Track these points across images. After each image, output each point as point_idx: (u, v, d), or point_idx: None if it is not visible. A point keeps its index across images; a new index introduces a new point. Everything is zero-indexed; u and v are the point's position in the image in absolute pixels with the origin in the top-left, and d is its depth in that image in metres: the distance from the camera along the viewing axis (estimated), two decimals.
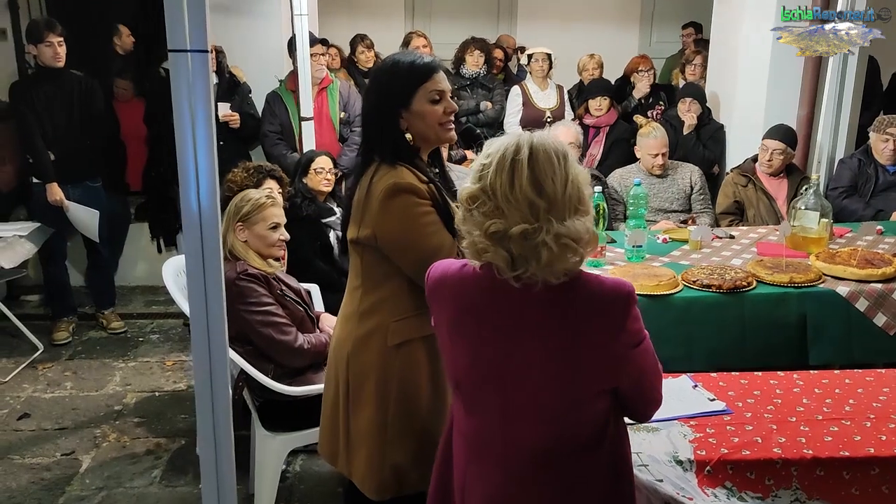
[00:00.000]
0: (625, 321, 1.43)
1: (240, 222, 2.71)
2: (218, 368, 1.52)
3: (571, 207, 1.42)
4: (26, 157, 4.34)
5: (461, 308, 1.52)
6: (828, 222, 3.38)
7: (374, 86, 2.01)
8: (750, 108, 4.72)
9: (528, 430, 1.50)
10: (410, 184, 1.88)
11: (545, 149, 1.43)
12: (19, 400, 3.76)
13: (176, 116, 1.40)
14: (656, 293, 2.81)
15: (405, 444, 1.95)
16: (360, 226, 1.92)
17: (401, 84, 1.91)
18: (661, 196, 4.09)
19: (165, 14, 1.36)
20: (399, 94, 1.91)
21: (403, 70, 1.92)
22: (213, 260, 1.48)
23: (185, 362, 4.18)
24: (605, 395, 1.49)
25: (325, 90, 4.52)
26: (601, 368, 1.45)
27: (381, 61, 2.03)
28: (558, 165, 1.42)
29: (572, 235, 1.40)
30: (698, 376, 2.32)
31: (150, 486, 3.06)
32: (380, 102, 1.93)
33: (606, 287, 1.45)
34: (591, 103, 4.93)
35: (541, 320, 1.44)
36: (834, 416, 2.07)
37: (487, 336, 1.49)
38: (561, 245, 1.39)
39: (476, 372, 1.53)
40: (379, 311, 1.95)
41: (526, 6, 7.64)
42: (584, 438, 1.50)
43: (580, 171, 1.45)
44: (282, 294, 2.68)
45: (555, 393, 1.46)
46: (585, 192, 1.45)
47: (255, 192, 2.85)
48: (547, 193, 1.40)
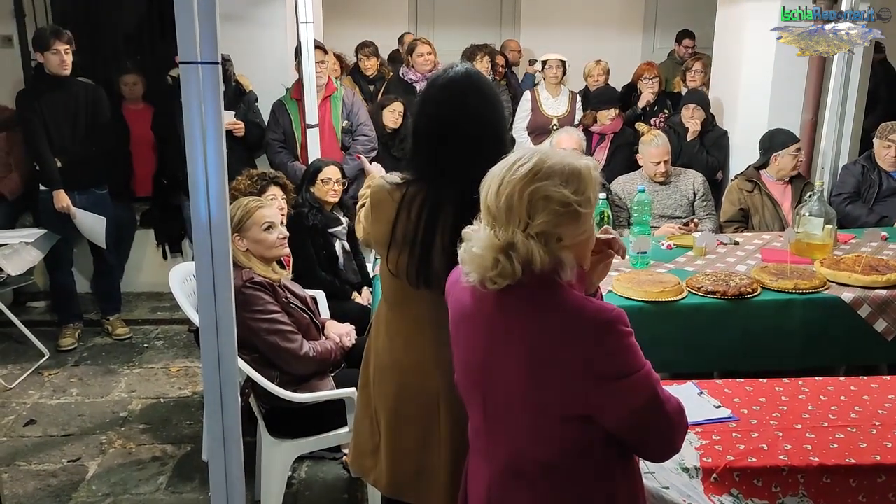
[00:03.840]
0: (595, 348, 1.36)
1: (235, 232, 2.69)
2: (227, 376, 1.53)
3: (517, 220, 1.38)
4: (33, 165, 4.36)
5: (460, 310, 1.56)
6: (832, 228, 3.39)
7: (500, 101, 1.95)
8: (753, 114, 4.73)
9: (503, 440, 1.51)
10: None
11: (507, 160, 1.43)
12: (25, 406, 3.77)
13: (186, 127, 1.41)
14: (661, 299, 2.82)
15: None
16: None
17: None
18: (664, 203, 4.09)
19: (177, 26, 1.37)
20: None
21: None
22: (223, 268, 1.49)
23: (190, 369, 4.19)
24: (578, 424, 1.42)
25: (328, 98, 4.54)
26: (568, 393, 1.39)
27: (486, 79, 1.95)
28: (504, 176, 1.40)
29: (484, 244, 1.39)
30: (703, 383, 2.32)
31: (156, 492, 3.07)
32: (506, 120, 2.01)
33: (584, 311, 1.39)
34: (600, 114, 4.95)
35: (511, 334, 1.43)
36: (840, 424, 2.07)
37: (472, 342, 1.52)
38: (471, 253, 1.41)
39: (466, 375, 1.57)
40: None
41: (529, 12, 7.67)
42: (552, 463, 1.45)
43: (546, 186, 1.37)
44: (287, 301, 2.69)
45: (522, 409, 1.45)
46: (545, 206, 1.37)
47: (244, 199, 2.85)
48: (488, 202, 1.42)
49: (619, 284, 2.90)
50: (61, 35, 4.16)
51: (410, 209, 1.83)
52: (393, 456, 1.99)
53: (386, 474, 2.01)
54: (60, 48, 4.14)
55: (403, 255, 1.86)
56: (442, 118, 1.84)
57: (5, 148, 4.67)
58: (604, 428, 1.43)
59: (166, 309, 4.94)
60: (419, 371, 1.92)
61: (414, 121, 1.95)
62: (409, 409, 1.94)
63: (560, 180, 1.39)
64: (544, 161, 1.40)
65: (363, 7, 7.28)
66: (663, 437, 1.46)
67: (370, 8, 7.35)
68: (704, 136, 4.77)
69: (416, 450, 1.95)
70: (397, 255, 1.87)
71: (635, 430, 1.43)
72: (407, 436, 1.96)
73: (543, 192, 1.37)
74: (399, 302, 1.96)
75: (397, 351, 1.96)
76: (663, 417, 1.42)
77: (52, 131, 4.25)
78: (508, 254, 1.38)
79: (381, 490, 2.09)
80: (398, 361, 1.96)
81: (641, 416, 1.41)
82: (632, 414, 1.40)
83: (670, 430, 1.45)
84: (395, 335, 1.97)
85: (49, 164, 4.24)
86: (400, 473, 1.99)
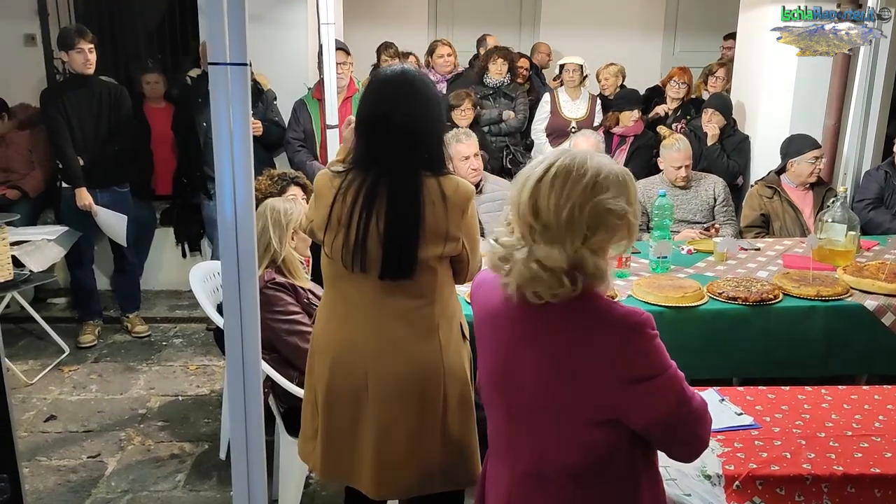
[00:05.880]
0: (623, 350, 1.35)
1: (293, 231, 2.75)
2: (251, 376, 1.54)
3: (576, 234, 1.35)
4: (55, 163, 4.40)
5: (484, 314, 1.56)
6: (855, 235, 3.36)
7: (436, 100, 2.01)
8: (775, 119, 4.70)
9: (526, 445, 1.50)
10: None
11: (559, 170, 1.37)
12: (46, 402, 3.81)
13: (214, 128, 1.42)
14: (682, 305, 2.80)
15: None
16: (447, 241, 1.95)
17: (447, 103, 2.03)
18: (684, 207, 4.07)
19: (206, 28, 1.38)
20: (445, 108, 2.01)
21: (448, 92, 2.03)
22: (249, 268, 1.49)
23: (208, 367, 4.21)
24: (607, 428, 1.41)
25: (349, 99, 4.55)
26: (595, 397, 1.39)
27: (410, 73, 2.00)
28: (562, 189, 1.35)
29: (546, 262, 1.34)
30: (725, 390, 2.31)
31: (174, 489, 3.09)
32: (441, 116, 2.02)
33: (612, 314, 1.38)
34: (623, 116, 4.93)
35: (539, 337, 1.42)
36: (864, 433, 2.05)
37: (498, 345, 1.51)
38: (530, 269, 1.36)
39: (489, 376, 1.56)
40: (452, 315, 2.05)
41: (549, 14, 7.65)
42: (577, 467, 1.44)
43: (605, 199, 1.35)
44: (309, 302, 2.70)
45: (546, 412, 1.44)
46: (610, 221, 1.36)
47: (281, 201, 2.87)
48: (541, 216, 1.36)
49: (638, 289, 2.89)
50: (85, 34, 4.19)
51: (346, 195, 1.96)
52: (327, 435, 2.07)
53: (321, 457, 2.09)
54: (84, 47, 4.18)
55: (339, 239, 1.96)
56: (375, 112, 1.96)
57: (28, 146, 4.73)
58: (629, 432, 1.42)
59: (185, 307, 4.98)
60: (351, 350, 2.01)
61: (356, 114, 2.05)
62: (342, 387, 2.03)
63: (615, 192, 1.37)
64: (599, 171, 1.37)
65: (383, 8, 7.29)
66: (693, 433, 1.46)
67: (390, 9, 7.37)
68: (725, 140, 4.74)
69: (348, 428, 2.04)
70: (332, 239, 1.98)
71: (665, 430, 1.43)
72: (340, 415, 2.04)
73: (605, 205, 1.35)
74: (334, 285, 2.06)
75: (332, 332, 2.05)
76: (691, 413, 1.43)
77: (75, 130, 4.29)
78: (574, 274, 1.36)
79: (318, 475, 2.18)
80: (332, 341, 2.04)
81: (671, 415, 1.41)
82: (661, 414, 1.40)
83: (698, 425, 1.45)
84: (332, 317, 2.07)
85: (72, 163, 4.28)
86: (332, 453, 2.07)
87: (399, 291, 1.97)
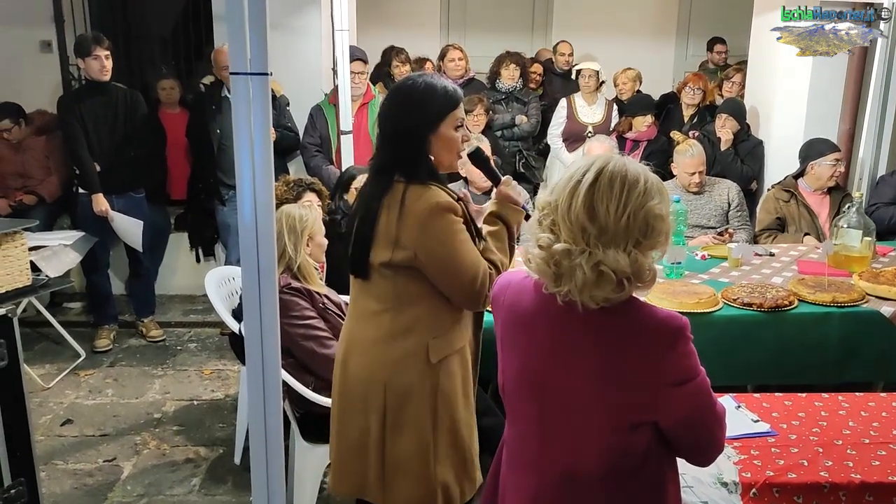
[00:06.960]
0: (667, 355, 1.39)
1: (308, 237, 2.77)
2: (271, 381, 1.55)
3: (630, 238, 1.38)
4: (72, 168, 4.44)
5: (514, 317, 1.54)
6: (871, 241, 3.34)
7: (408, 105, 1.97)
8: (789, 124, 4.68)
9: (560, 448, 1.50)
10: (450, 203, 1.92)
11: (612, 176, 1.39)
12: (62, 406, 3.84)
13: (235, 136, 1.44)
14: (696, 311, 2.80)
15: (451, 460, 1.97)
16: (395, 248, 1.92)
17: (436, 107, 1.95)
18: (698, 212, 4.06)
19: (228, 38, 1.40)
20: (433, 116, 1.95)
21: (439, 93, 1.95)
22: (269, 274, 1.51)
23: (223, 371, 4.24)
24: (644, 430, 1.44)
25: (366, 105, 4.57)
26: (637, 400, 1.41)
27: (408, 80, 2.02)
28: (620, 194, 1.38)
29: (612, 266, 1.36)
30: (741, 397, 2.30)
31: (189, 493, 3.10)
32: (416, 122, 1.94)
33: (655, 318, 1.41)
34: (636, 121, 4.93)
35: (581, 341, 1.43)
36: (882, 440, 2.04)
37: (533, 349, 1.50)
38: (597, 272, 1.36)
39: (519, 382, 1.55)
40: (416, 331, 1.96)
41: (561, 19, 7.65)
42: (614, 470, 1.46)
43: (654, 205, 1.39)
44: (324, 307, 2.71)
45: (587, 417, 1.45)
46: (658, 226, 1.40)
47: (297, 208, 2.88)
48: (599, 220, 1.37)
49: (652, 295, 2.88)
50: (102, 41, 4.23)
51: (356, 201, 2.09)
52: (338, 443, 2.08)
53: (333, 469, 2.12)
54: (101, 54, 4.21)
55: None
56: (378, 118, 2.06)
57: (45, 151, 4.78)
58: (660, 433, 1.45)
59: (199, 312, 5.00)
60: (340, 348, 2.10)
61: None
62: (353, 392, 2.03)
63: (659, 198, 1.42)
64: (646, 177, 1.41)
65: (395, 14, 7.31)
66: (713, 435, 1.49)
67: (403, 15, 7.38)
68: (739, 145, 4.72)
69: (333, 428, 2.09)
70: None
71: (688, 431, 1.46)
72: (351, 424, 2.04)
73: (655, 210, 1.40)
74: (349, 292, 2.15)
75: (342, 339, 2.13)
76: (715, 416, 1.48)
77: (92, 135, 4.33)
78: (629, 278, 1.38)
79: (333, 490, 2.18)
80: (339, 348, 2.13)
81: (699, 416, 1.45)
82: (691, 415, 1.44)
83: (718, 428, 1.49)
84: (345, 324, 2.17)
85: (88, 168, 4.31)
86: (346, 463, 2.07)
87: (365, 292, 2.03)
